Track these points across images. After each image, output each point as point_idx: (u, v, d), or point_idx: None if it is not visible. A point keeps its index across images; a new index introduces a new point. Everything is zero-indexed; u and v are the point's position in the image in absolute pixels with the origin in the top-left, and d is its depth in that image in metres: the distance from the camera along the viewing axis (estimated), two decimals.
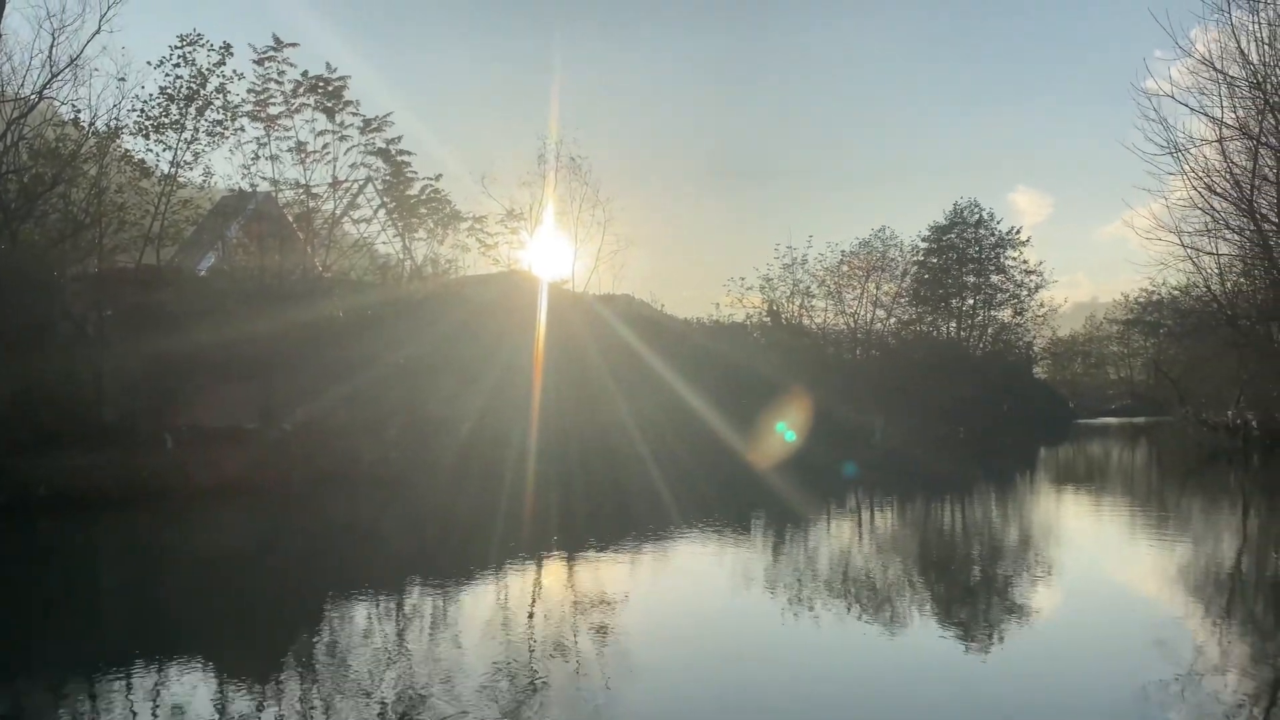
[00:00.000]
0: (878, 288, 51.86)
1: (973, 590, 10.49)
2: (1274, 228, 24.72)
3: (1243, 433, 32.89)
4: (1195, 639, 8.00)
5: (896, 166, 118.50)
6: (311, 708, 5.95)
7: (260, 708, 5.92)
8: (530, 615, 8.66)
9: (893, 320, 53.06)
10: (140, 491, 15.60)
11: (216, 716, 5.75)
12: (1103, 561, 12.60)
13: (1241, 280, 33.95)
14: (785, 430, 7.61)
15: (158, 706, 5.97)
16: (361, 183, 27.40)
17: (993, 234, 54.30)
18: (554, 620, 8.40)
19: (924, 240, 54.07)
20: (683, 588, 10.40)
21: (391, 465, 19.28)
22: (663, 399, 27.45)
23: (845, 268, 51.12)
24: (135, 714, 5.79)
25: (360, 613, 8.76)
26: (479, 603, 9.27)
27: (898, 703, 6.22)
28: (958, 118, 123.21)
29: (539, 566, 11.29)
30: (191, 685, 6.36)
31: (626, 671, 6.85)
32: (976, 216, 54.25)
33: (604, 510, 16.65)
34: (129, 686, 6.34)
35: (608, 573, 10.82)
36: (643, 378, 28.01)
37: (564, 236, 34.87)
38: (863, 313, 51.57)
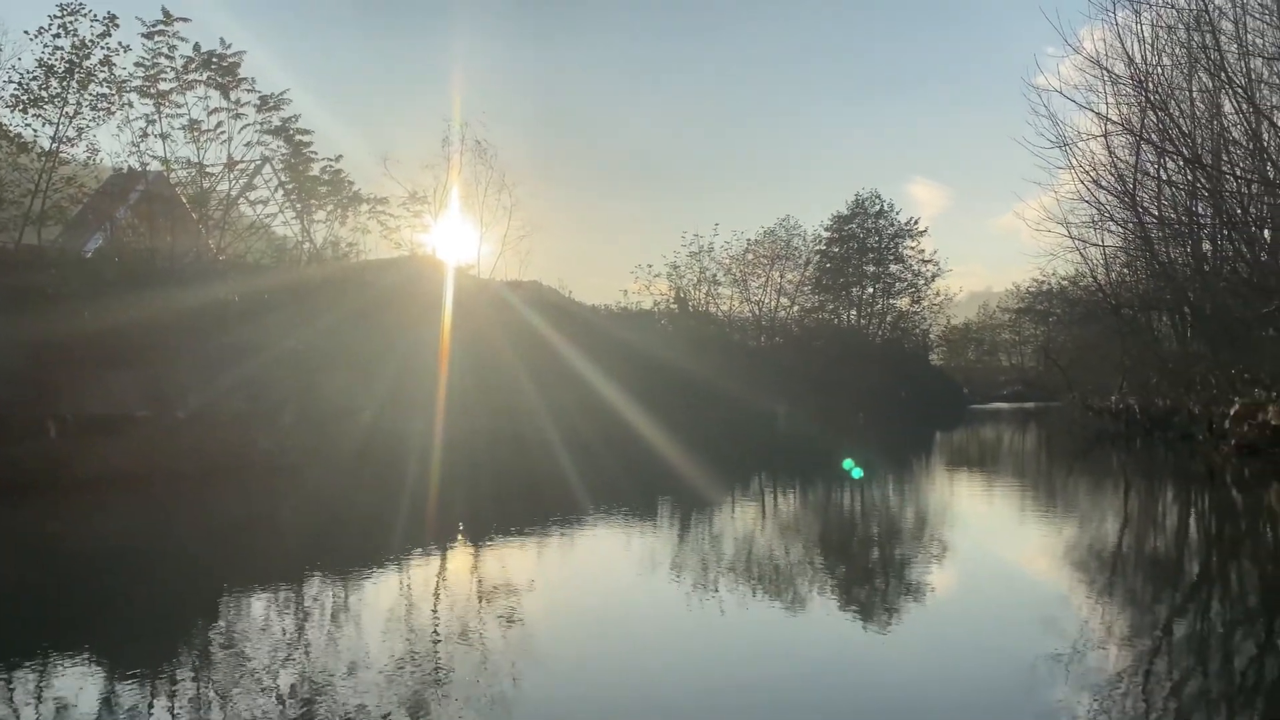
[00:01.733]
0: (782, 276, 52.84)
1: (871, 570, 10.76)
2: (1154, 221, 25.95)
3: (1125, 417, 34.46)
4: (1080, 614, 8.34)
5: (801, 158, 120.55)
6: (204, 705, 5.73)
7: (150, 707, 5.68)
8: (434, 605, 8.53)
9: (796, 308, 54.15)
10: (19, 483, 14.84)
11: (102, 717, 5.49)
12: (994, 541, 13.07)
13: (1125, 271, 35.60)
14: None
15: (40, 708, 5.68)
16: (259, 163, 26.54)
17: (892, 224, 55.81)
18: (458, 609, 8.30)
19: (826, 230, 55.27)
20: (589, 573, 10.41)
21: (289, 455, 18.78)
22: (572, 385, 27.41)
23: (750, 256, 51.94)
24: (18, 715, 5.49)
25: (256, 606, 8.50)
26: (380, 594, 9.10)
27: (798, 680, 6.32)
28: (861, 111, 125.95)
29: (443, 556, 11.14)
30: (76, 686, 6.06)
31: (532, 658, 6.81)
32: (877, 207, 55.66)
33: (512, 498, 16.53)
34: (8, 688, 6.01)
35: (514, 560, 10.74)
36: (551, 364, 27.91)
37: (469, 221, 34.49)
38: (767, 300, 52.47)
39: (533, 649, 7.06)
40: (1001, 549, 12.41)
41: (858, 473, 5.31)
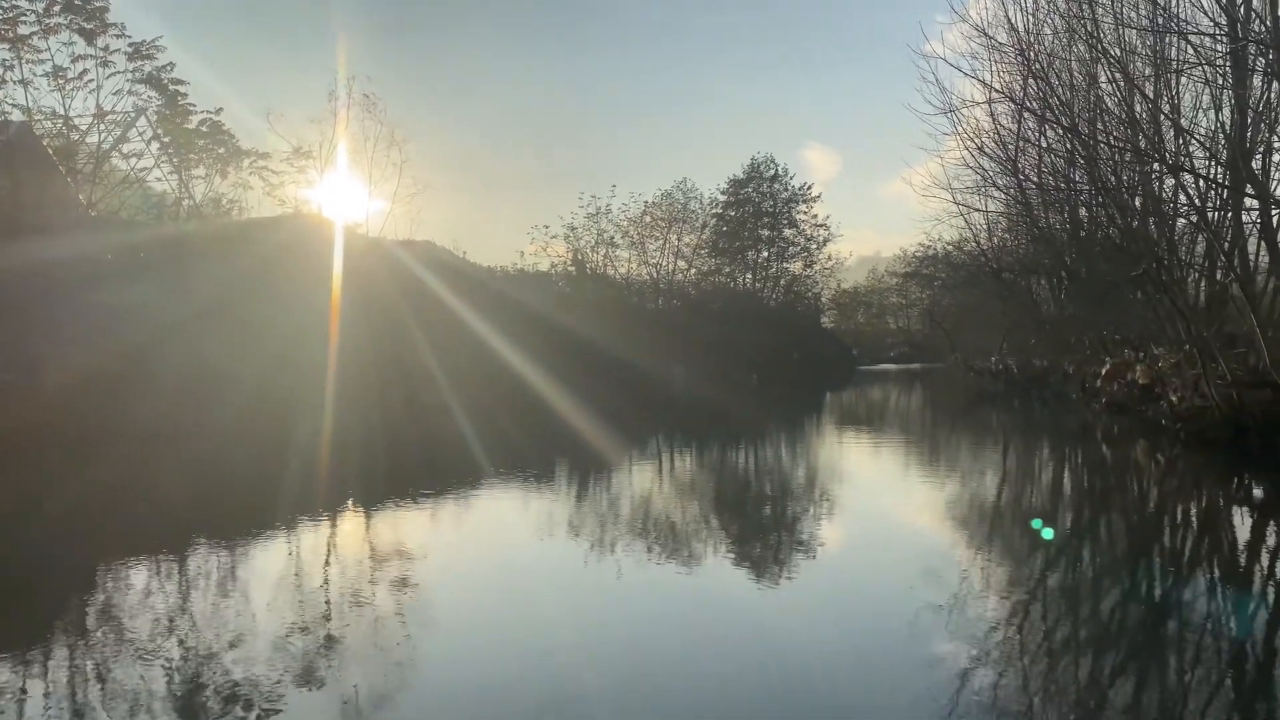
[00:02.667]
0: (679, 239, 53.05)
1: (764, 527, 10.97)
2: (1034, 187, 26.92)
3: (1005, 377, 35.93)
4: (961, 566, 8.68)
5: (698, 121, 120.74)
6: (79, 681, 5.47)
7: (23, 687, 5.39)
8: (325, 572, 8.32)
9: (693, 271, 54.50)
10: None
11: None
12: (881, 497, 13.48)
13: (1006, 236, 36.93)
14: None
15: None
16: (131, 114, 25.18)
17: (786, 189, 56.48)
18: (350, 576, 8.12)
19: (722, 193, 55.64)
20: (486, 537, 10.32)
21: (169, 421, 18.01)
22: (468, 348, 27.05)
23: (648, 219, 51.97)
24: None
25: (138, 577, 8.14)
26: (268, 561, 8.82)
27: (691, 635, 6.40)
28: (757, 75, 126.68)
29: (333, 522, 10.88)
30: None
31: (427, 622, 6.71)
32: (772, 171, 56.23)
33: (407, 463, 16.25)
34: None
35: (408, 526, 10.56)
36: (447, 327, 27.47)
37: (358, 178, 33.46)
38: (665, 263, 52.65)
39: (427, 614, 6.96)
40: (887, 505, 12.81)
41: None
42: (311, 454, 16.11)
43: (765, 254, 56.20)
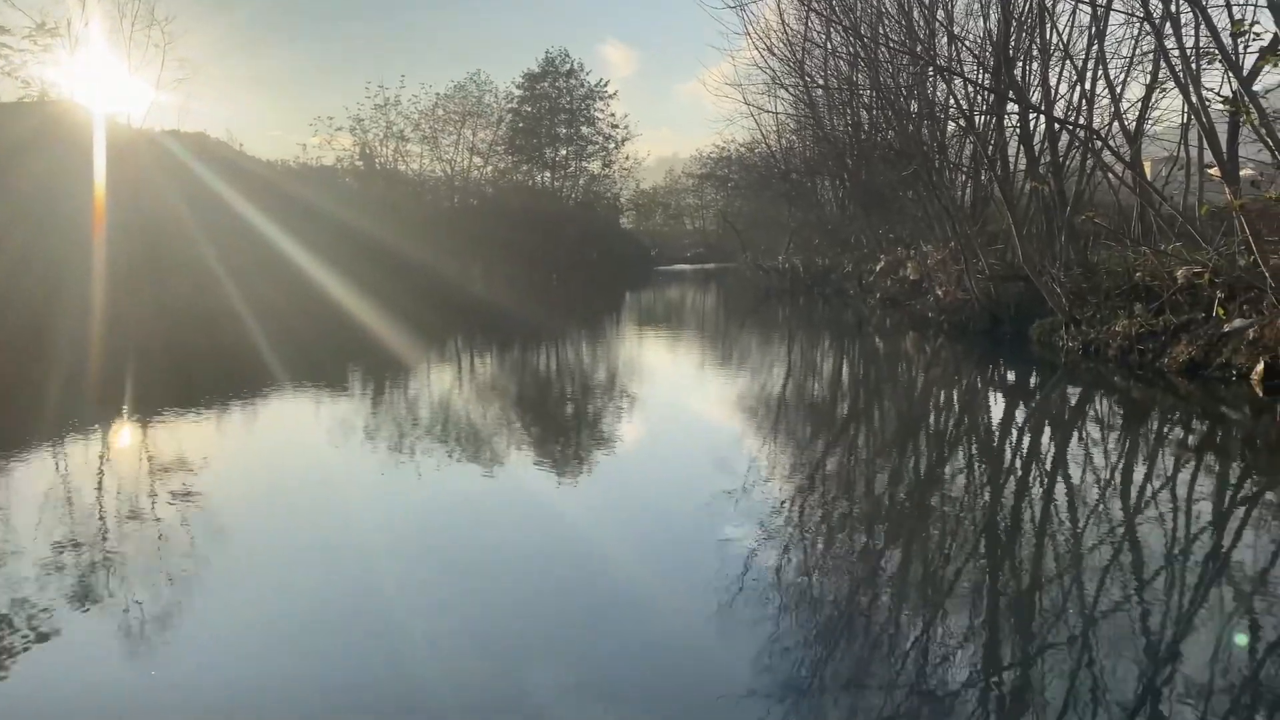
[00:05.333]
0: (474, 134, 51.56)
1: (563, 425, 11.15)
2: (820, 89, 27.84)
3: (791, 275, 37.60)
4: (750, 455, 9.17)
5: (492, 10, 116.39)
6: None
7: None
8: (96, 487, 7.78)
9: (490, 168, 53.29)
10: None
11: None
12: (675, 392, 13.97)
13: (794, 138, 38.20)
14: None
15: None
16: None
17: (583, 85, 55.66)
18: (125, 491, 7.63)
19: (518, 88, 54.21)
20: (276, 445, 9.95)
21: None
22: (253, 249, 25.53)
23: (440, 112, 50.12)
24: None
25: None
26: (31, 478, 8.15)
27: (493, 534, 6.48)
28: None
29: (104, 434, 10.15)
30: None
31: (215, 536, 6.45)
32: (568, 66, 55.20)
33: (188, 370, 15.28)
34: None
35: (191, 436, 9.99)
36: (228, 226, 25.75)
37: (115, 61, 30.20)
38: (460, 160, 51.14)
39: (215, 528, 6.68)
40: (682, 399, 13.29)
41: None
42: (77, 365, 14.86)
43: (563, 152, 55.49)
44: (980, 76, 18.22)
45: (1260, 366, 10.71)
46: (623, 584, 5.53)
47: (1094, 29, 15.50)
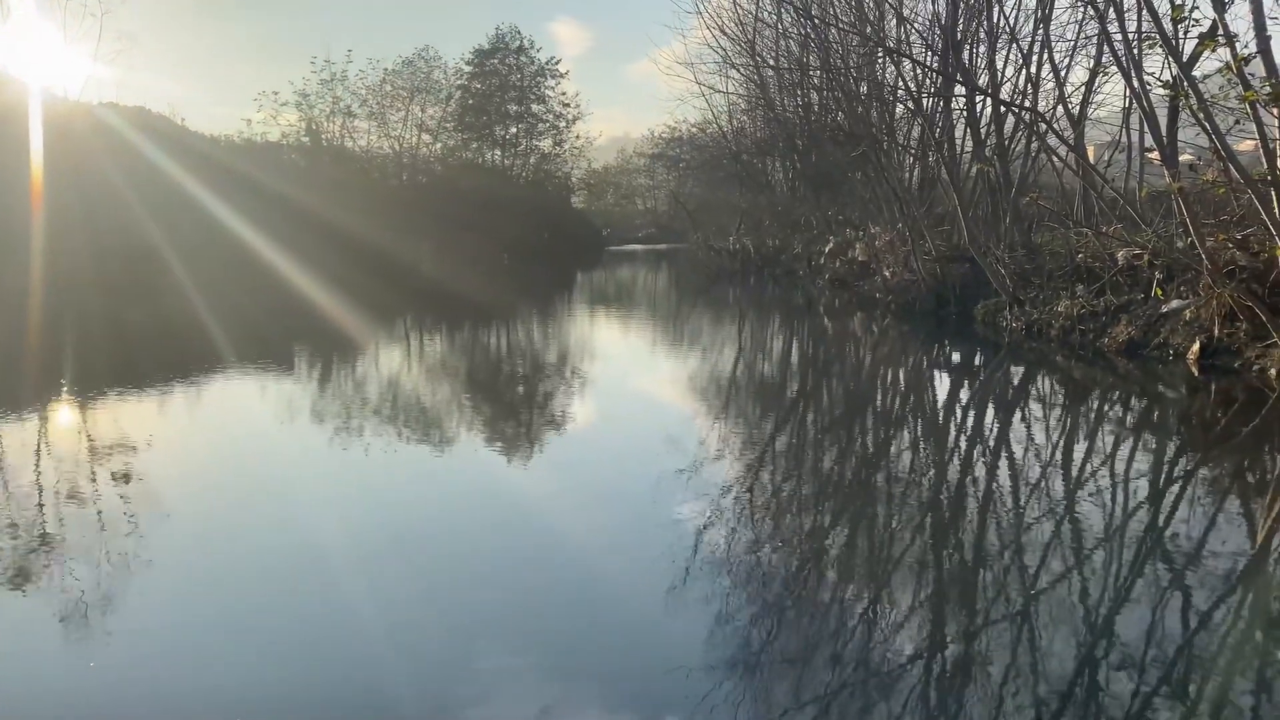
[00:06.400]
0: (423, 110, 50.83)
1: (515, 406, 11.11)
2: (771, 70, 27.90)
3: (741, 256, 37.76)
4: (700, 435, 9.22)
5: None
6: None
7: None
8: (35, 467, 7.58)
9: (439, 146, 52.60)
10: None
11: None
12: (627, 372, 13.98)
13: (745, 119, 38.26)
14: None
15: None
16: None
17: (534, 62, 55.07)
18: (65, 471, 7.45)
19: (468, 64, 53.50)
20: (223, 426, 9.78)
21: None
22: (197, 226, 25.01)
23: (388, 88, 49.34)
24: None
25: None
26: None
27: (444, 512, 6.45)
28: None
29: (42, 415, 9.90)
30: None
31: (154, 515, 6.32)
32: (518, 44, 54.53)
33: (132, 349, 14.94)
34: None
35: (130, 417, 9.78)
36: (171, 202, 25.17)
37: (51, 32, 29.26)
38: (408, 136, 50.43)
39: (160, 510, 6.55)
40: (634, 379, 13.31)
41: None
42: (14, 343, 14.45)
43: (514, 130, 54.88)
44: (928, 59, 18.40)
45: (1196, 346, 11.00)
46: (574, 563, 5.54)
47: (1039, 13, 15.71)
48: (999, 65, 18.21)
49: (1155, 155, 11.67)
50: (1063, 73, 17.36)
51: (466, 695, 3.92)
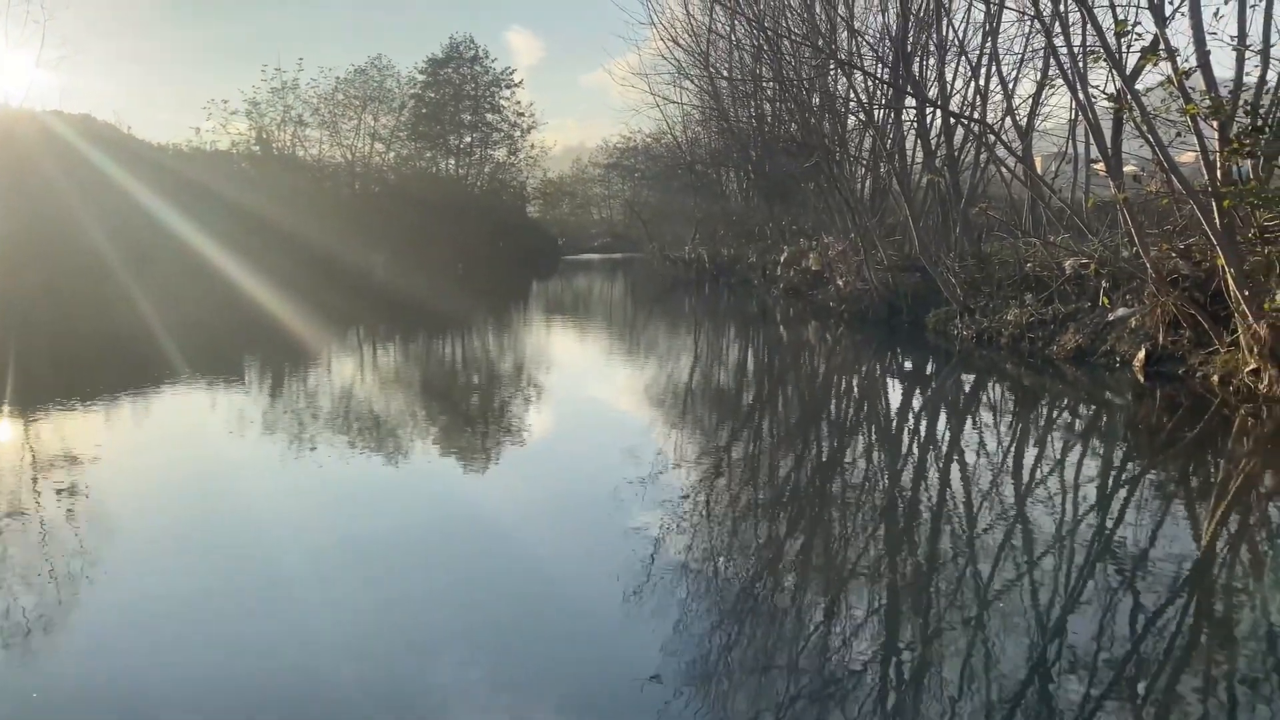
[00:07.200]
0: (375, 119, 50.48)
1: (472, 416, 11.02)
2: (725, 80, 28.09)
3: (697, 265, 37.92)
4: (657, 444, 9.21)
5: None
6: None
7: None
8: None
9: (393, 155, 52.28)
10: None
11: None
12: (585, 382, 13.94)
13: (699, 129, 38.47)
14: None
15: None
16: None
17: (488, 72, 54.96)
18: (5, 486, 7.24)
19: (421, 73, 53.22)
20: (174, 438, 9.57)
21: None
22: (145, 234, 24.56)
23: (341, 96, 48.93)
24: None
25: None
26: None
27: (398, 527, 6.37)
28: None
29: None
30: None
31: (102, 531, 6.17)
32: (472, 53, 54.40)
33: (82, 360, 14.59)
34: None
35: (76, 430, 9.54)
36: (121, 211, 24.73)
37: None
38: (361, 145, 50.04)
39: (108, 525, 6.40)
40: (591, 389, 13.28)
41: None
42: None
43: (468, 139, 54.67)
44: (879, 71, 18.62)
45: (1142, 353, 11.24)
46: (529, 573, 5.50)
47: (988, 26, 15.98)
48: (948, 78, 18.50)
49: (1100, 166, 11.91)
50: (1010, 85, 17.70)
51: (424, 708, 3.87)
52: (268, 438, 9.37)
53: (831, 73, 20.99)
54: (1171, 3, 9.69)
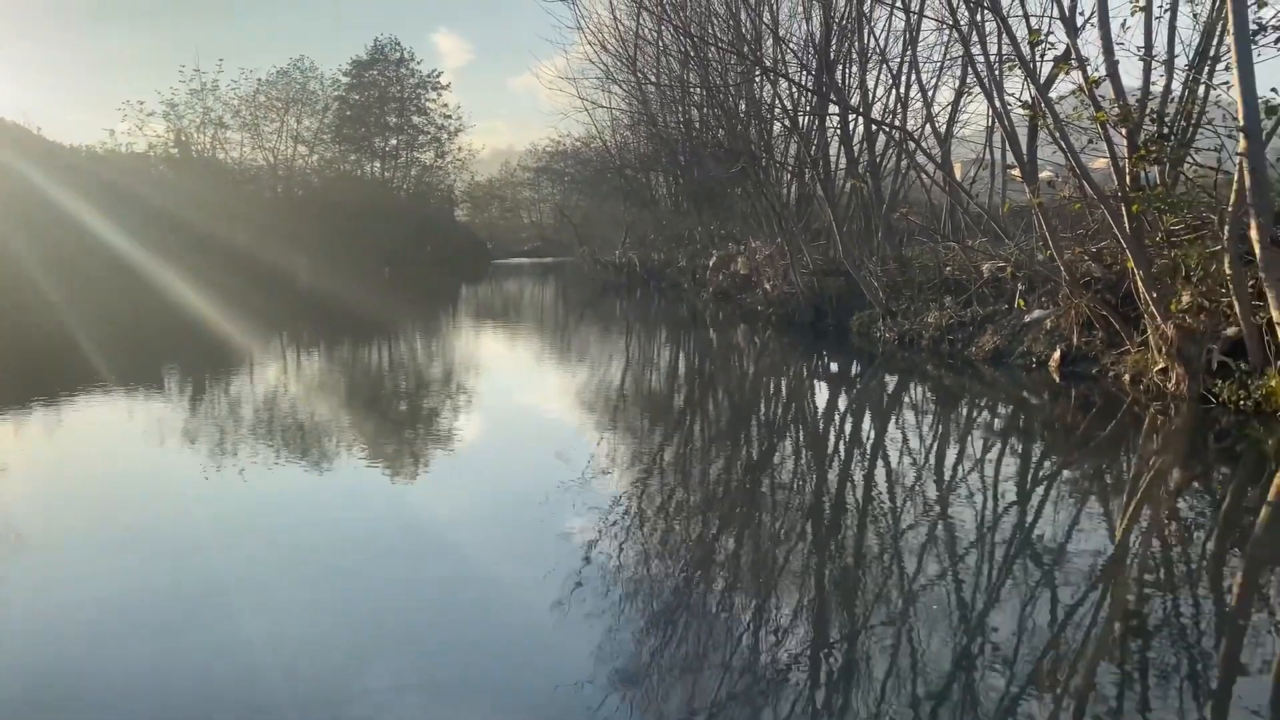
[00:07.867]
0: (299, 122, 49.58)
1: (399, 423, 10.87)
2: (653, 86, 28.22)
3: (627, 270, 37.99)
4: (589, 448, 9.21)
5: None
6: None
7: None
8: None
9: (316, 158, 51.41)
10: None
11: None
12: (515, 388, 13.87)
13: (628, 134, 38.54)
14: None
15: None
16: None
17: (414, 74, 54.37)
18: None
19: (345, 75, 52.43)
20: (90, 450, 9.25)
21: None
22: (54, 238, 23.73)
23: (262, 98, 47.95)
24: None
25: None
26: None
27: (328, 535, 6.26)
28: None
29: None
30: None
31: (9, 543, 5.94)
32: (398, 55, 53.81)
33: None
34: None
35: None
36: (30, 214, 23.82)
37: None
38: (284, 148, 49.06)
39: (9, 533, 6.16)
40: (522, 395, 13.21)
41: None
42: None
43: (394, 142, 53.96)
44: (804, 78, 18.91)
45: (1057, 354, 11.60)
46: (460, 579, 5.45)
47: (908, 35, 16.34)
48: (870, 85, 18.87)
49: (1016, 172, 12.27)
50: (930, 93, 18.14)
51: (355, 715, 3.80)
52: (189, 447, 9.12)
53: (757, 79, 21.25)
54: (1082, 14, 10.05)
